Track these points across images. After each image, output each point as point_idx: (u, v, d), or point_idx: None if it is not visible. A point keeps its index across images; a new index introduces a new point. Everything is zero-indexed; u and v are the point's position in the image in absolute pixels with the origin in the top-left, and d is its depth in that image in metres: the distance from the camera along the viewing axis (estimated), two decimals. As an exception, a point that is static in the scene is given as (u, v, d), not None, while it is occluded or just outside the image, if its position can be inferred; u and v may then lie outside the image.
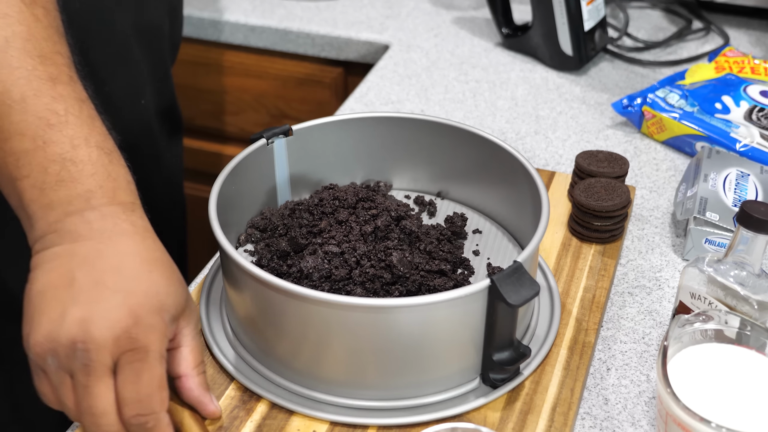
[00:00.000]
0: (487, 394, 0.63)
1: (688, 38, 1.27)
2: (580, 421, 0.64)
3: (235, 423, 0.62)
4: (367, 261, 0.67)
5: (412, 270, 0.67)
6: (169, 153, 1.03)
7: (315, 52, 1.26)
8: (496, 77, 1.16)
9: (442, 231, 0.74)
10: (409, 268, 0.66)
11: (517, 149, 0.79)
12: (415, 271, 0.67)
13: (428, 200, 0.81)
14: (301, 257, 0.69)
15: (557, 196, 0.86)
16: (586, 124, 1.05)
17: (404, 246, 0.69)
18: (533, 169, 0.70)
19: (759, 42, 1.26)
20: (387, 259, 0.66)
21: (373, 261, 0.67)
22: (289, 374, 0.64)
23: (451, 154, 0.78)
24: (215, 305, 0.72)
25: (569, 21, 1.13)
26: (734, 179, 0.83)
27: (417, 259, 0.68)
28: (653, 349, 0.71)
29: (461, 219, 0.76)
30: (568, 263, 0.77)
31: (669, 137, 1.00)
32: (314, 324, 0.60)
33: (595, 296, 0.74)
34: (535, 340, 0.69)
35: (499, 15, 1.22)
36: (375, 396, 0.62)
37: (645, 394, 0.67)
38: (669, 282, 0.78)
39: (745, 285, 0.63)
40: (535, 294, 0.59)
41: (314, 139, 0.77)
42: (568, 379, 0.65)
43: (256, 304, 0.63)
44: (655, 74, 1.18)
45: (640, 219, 0.87)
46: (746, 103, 0.98)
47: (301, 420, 0.62)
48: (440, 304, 0.58)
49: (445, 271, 0.68)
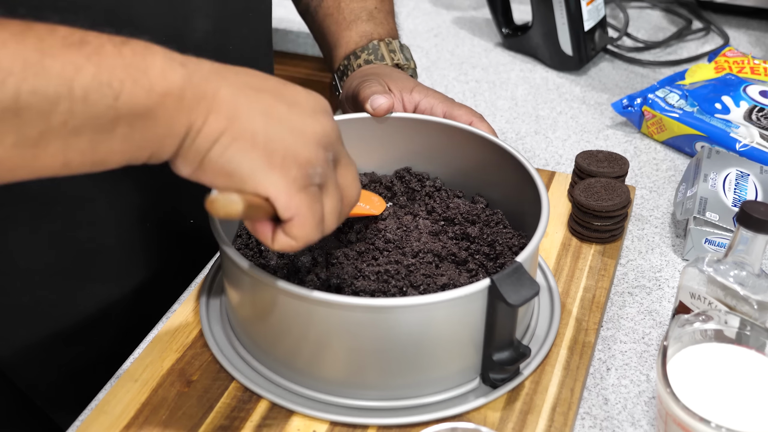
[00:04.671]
0: (487, 394, 0.63)
1: (688, 38, 1.28)
2: (580, 421, 0.64)
3: (235, 423, 0.62)
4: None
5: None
6: None
7: (315, 52, 1.26)
8: (496, 77, 1.16)
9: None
10: None
11: (517, 149, 0.79)
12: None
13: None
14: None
15: (557, 196, 0.86)
16: (586, 124, 1.05)
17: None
18: (533, 169, 0.70)
19: (759, 42, 1.26)
20: None
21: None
22: (289, 374, 0.64)
23: (452, 154, 0.78)
24: (215, 305, 0.72)
25: (569, 21, 1.13)
26: (734, 179, 0.83)
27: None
28: (653, 349, 0.71)
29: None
30: (568, 263, 0.77)
31: (669, 137, 1.00)
32: (314, 324, 0.60)
33: (595, 296, 0.74)
34: (535, 340, 0.69)
35: (499, 15, 1.22)
36: (375, 396, 0.62)
37: (645, 394, 0.67)
38: (669, 282, 0.78)
39: (744, 285, 0.63)
40: (535, 294, 0.59)
41: (314, 139, 0.77)
42: (568, 379, 0.65)
43: (256, 304, 0.63)
44: (655, 74, 1.18)
45: (640, 219, 0.87)
46: (746, 103, 0.98)
47: (301, 420, 0.62)
48: (440, 304, 0.58)
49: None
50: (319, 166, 0.53)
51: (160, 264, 0.80)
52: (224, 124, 0.50)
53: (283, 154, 0.51)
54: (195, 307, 0.72)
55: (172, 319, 0.71)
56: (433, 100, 0.80)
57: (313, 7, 0.94)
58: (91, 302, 0.76)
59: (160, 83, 0.48)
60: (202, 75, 0.50)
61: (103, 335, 0.78)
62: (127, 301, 0.78)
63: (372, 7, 0.91)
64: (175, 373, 0.65)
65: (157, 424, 0.61)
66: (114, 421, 0.62)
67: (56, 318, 0.75)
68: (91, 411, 0.63)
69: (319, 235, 0.54)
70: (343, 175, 0.56)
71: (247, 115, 0.51)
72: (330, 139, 0.54)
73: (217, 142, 0.50)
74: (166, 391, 0.64)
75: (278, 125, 0.52)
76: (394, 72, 0.84)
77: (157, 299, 0.77)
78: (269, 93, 0.53)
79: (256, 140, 0.50)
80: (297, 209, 0.52)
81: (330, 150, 0.54)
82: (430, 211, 0.76)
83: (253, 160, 0.50)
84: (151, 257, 0.79)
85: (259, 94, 0.52)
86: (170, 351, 0.67)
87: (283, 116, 0.52)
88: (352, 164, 0.58)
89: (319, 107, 0.55)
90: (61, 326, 0.75)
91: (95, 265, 0.75)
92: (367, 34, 0.89)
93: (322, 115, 0.55)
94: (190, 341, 0.68)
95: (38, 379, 0.77)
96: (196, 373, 0.66)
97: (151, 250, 0.79)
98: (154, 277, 0.80)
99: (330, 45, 0.92)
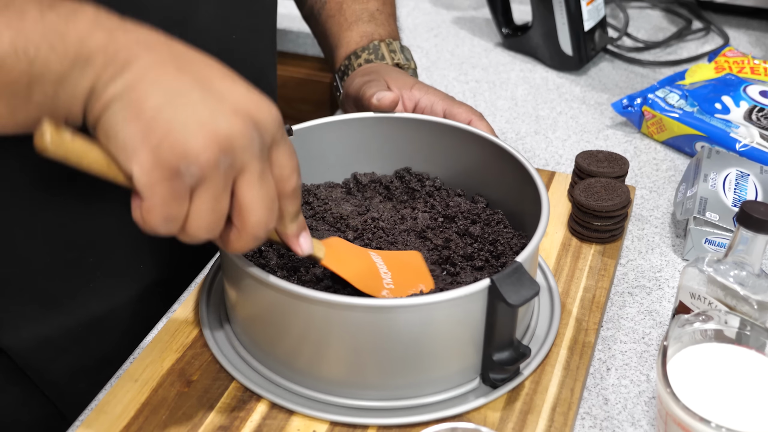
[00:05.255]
0: (487, 394, 0.63)
1: (688, 38, 1.28)
2: (580, 421, 0.64)
3: (235, 423, 0.62)
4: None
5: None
6: None
7: (315, 52, 1.26)
8: (496, 77, 1.16)
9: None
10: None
11: (517, 149, 0.79)
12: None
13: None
14: None
15: (557, 196, 0.86)
16: (586, 124, 1.05)
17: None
18: (533, 169, 0.70)
19: (759, 42, 1.26)
20: None
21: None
22: (289, 374, 0.64)
23: (451, 154, 0.78)
24: (215, 305, 0.72)
25: (569, 21, 1.13)
26: (734, 179, 0.83)
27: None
28: (653, 349, 0.71)
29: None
30: (568, 263, 0.77)
31: (669, 137, 1.00)
32: (314, 324, 0.60)
33: (595, 296, 0.74)
34: (535, 340, 0.69)
35: (499, 15, 1.22)
36: (375, 396, 0.62)
37: (645, 394, 0.67)
38: (669, 282, 0.78)
39: (744, 285, 0.63)
40: (535, 294, 0.59)
41: (314, 139, 0.77)
42: (568, 379, 0.65)
43: (256, 303, 0.63)
44: (655, 74, 1.18)
45: (640, 219, 0.87)
46: (746, 103, 0.98)
47: (301, 420, 0.62)
48: (440, 304, 0.58)
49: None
50: (199, 167, 0.49)
51: (160, 264, 0.80)
52: (120, 91, 0.49)
53: (163, 136, 0.48)
54: (195, 307, 0.72)
55: (172, 319, 0.71)
56: (433, 97, 0.80)
57: (316, 9, 0.94)
58: (93, 300, 0.76)
59: (75, 49, 0.48)
60: (125, 43, 0.50)
61: (108, 334, 0.78)
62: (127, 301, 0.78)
63: (374, 9, 0.92)
64: (175, 373, 0.65)
65: (157, 424, 0.61)
66: (114, 421, 0.62)
67: (63, 314, 0.75)
68: (91, 411, 0.63)
69: (168, 231, 0.51)
70: (247, 187, 0.52)
71: (148, 88, 0.49)
72: (235, 146, 0.50)
73: (109, 107, 0.49)
74: (166, 391, 0.64)
75: (178, 109, 0.49)
76: (394, 71, 0.84)
77: (157, 299, 0.77)
78: (193, 77, 0.51)
79: (142, 114, 0.49)
80: (149, 196, 0.49)
81: (229, 157, 0.50)
82: (430, 209, 0.76)
83: (130, 131, 0.49)
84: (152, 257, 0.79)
85: (179, 73, 0.51)
86: (170, 351, 0.67)
87: (190, 102, 0.50)
88: (267, 185, 0.53)
89: (248, 113, 0.51)
90: (67, 322, 0.75)
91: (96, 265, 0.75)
92: (367, 35, 0.90)
93: (243, 120, 0.51)
94: (190, 341, 0.68)
95: (50, 372, 0.77)
96: (196, 373, 0.66)
97: (151, 250, 0.79)
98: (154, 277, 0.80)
99: (332, 46, 0.92)
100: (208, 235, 0.52)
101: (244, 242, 0.54)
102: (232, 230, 0.54)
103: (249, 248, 0.55)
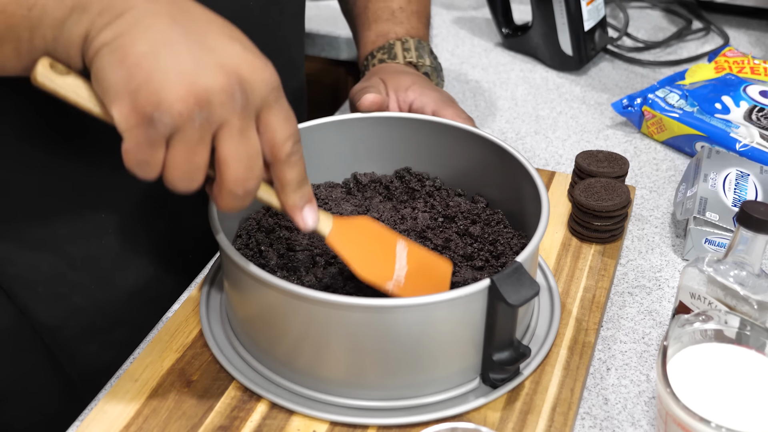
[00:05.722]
0: (487, 394, 0.64)
1: (688, 38, 1.28)
2: (580, 421, 0.64)
3: (235, 423, 0.62)
4: None
5: None
6: None
7: (315, 52, 1.26)
8: (496, 77, 1.16)
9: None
10: None
11: (517, 149, 0.79)
12: None
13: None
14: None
15: (557, 196, 0.86)
16: (586, 124, 1.05)
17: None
18: (533, 169, 0.70)
19: (759, 42, 1.26)
20: None
21: None
22: (289, 374, 0.64)
23: (451, 154, 0.78)
24: (215, 305, 0.72)
25: (569, 21, 1.13)
26: (734, 179, 0.83)
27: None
28: (653, 349, 0.71)
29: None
30: (568, 263, 0.77)
31: (669, 137, 1.00)
32: (314, 324, 0.60)
33: (595, 296, 0.74)
34: (535, 340, 0.69)
35: (499, 15, 1.22)
36: (375, 396, 0.62)
37: (645, 394, 0.67)
38: (669, 282, 0.78)
39: (744, 285, 0.63)
40: (535, 294, 0.59)
41: (314, 139, 0.77)
42: (568, 379, 0.65)
43: (256, 303, 0.63)
44: (655, 74, 1.18)
45: (640, 219, 0.87)
46: (746, 103, 0.98)
47: (301, 420, 0.62)
48: (440, 304, 0.58)
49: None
50: (171, 117, 0.49)
51: (160, 264, 0.80)
52: (111, 37, 0.50)
53: (142, 82, 0.49)
54: (195, 307, 0.72)
55: (172, 319, 0.71)
56: (426, 99, 0.80)
57: (349, 7, 0.96)
58: (106, 258, 0.76)
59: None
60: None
61: (120, 293, 0.78)
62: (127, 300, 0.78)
63: (396, 7, 0.91)
64: (175, 373, 0.65)
65: (157, 424, 0.61)
66: (114, 421, 0.62)
67: (76, 269, 0.75)
68: (91, 411, 0.63)
69: (145, 175, 0.52)
70: (225, 143, 0.52)
71: (137, 36, 0.50)
72: (213, 101, 0.50)
73: (99, 52, 0.50)
74: (166, 391, 0.64)
75: (161, 57, 0.49)
76: (397, 71, 0.84)
77: (157, 299, 0.77)
78: (186, 29, 0.51)
79: (127, 59, 0.49)
80: (126, 138, 0.50)
81: (206, 111, 0.50)
82: (430, 209, 0.76)
83: (114, 76, 0.49)
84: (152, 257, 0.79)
85: (172, 23, 0.51)
86: (170, 351, 0.67)
87: (176, 53, 0.50)
88: (247, 143, 0.52)
89: (236, 70, 0.51)
90: (81, 279, 0.75)
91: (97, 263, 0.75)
92: (383, 34, 0.90)
93: (227, 76, 0.50)
94: (190, 341, 0.68)
95: (63, 332, 0.77)
96: (196, 373, 0.66)
97: (151, 250, 0.79)
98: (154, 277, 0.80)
99: (357, 45, 0.93)
100: (186, 186, 0.53)
101: (226, 199, 0.54)
102: (214, 185, 0.54)
103: (234, 207, 0.54)
